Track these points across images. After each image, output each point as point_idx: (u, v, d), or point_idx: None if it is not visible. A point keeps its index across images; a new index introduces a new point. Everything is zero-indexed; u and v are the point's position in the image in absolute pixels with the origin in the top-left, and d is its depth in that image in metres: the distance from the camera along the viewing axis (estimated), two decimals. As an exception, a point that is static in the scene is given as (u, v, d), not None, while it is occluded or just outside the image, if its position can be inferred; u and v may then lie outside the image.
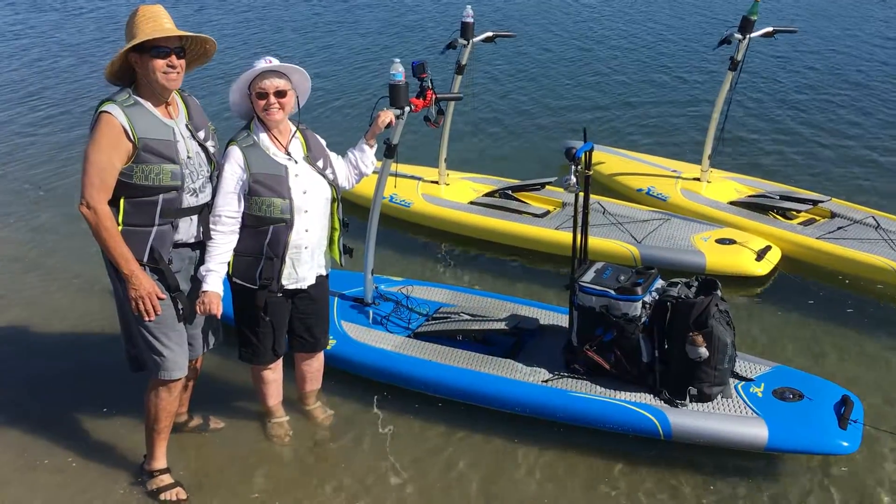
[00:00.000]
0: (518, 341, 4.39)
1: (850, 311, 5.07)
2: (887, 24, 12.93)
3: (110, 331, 4.65)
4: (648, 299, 3.88)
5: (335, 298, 4.68)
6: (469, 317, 4.56)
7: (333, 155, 3.80)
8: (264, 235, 3.53)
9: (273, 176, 3.50)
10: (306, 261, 3.67)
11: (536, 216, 6.07)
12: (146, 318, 3.29)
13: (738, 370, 3.99)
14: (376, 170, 4.07)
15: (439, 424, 4.12)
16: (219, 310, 3.45)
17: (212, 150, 3.46)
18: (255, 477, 3.82)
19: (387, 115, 3.83)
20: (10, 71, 11.06)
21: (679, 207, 6.13)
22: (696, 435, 3.73)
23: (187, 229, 3.39)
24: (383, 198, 4.44)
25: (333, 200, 3.71)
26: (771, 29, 6.07)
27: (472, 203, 6.32)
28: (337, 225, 3.77)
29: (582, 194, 4.06)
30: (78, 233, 6.06)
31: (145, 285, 3.24)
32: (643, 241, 5.57)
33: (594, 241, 4.72)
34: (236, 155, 3.47)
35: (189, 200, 3.34)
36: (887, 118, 8.70)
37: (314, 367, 4.10)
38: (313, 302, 3.83)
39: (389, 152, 4.14)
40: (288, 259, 3.60)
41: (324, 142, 3.78)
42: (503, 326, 4.36)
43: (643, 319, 3.86)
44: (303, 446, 4.02)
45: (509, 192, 6.40)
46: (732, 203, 6.14)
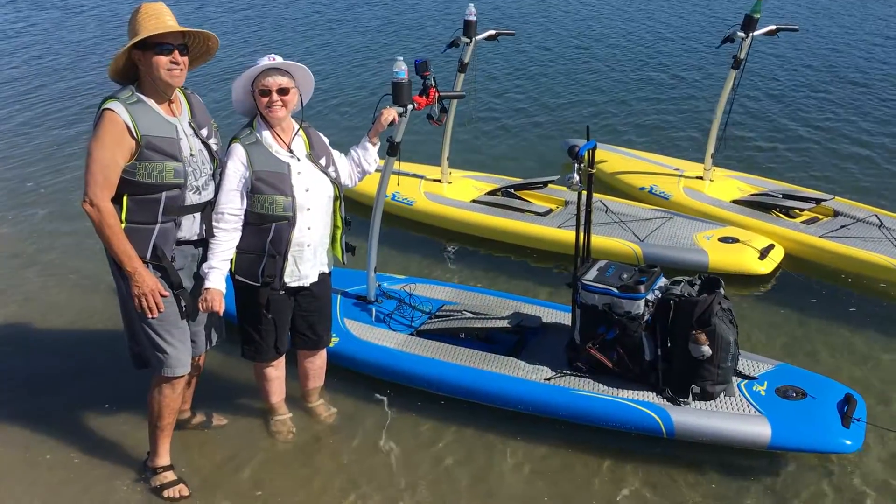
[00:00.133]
0: (521, 339, 4.38)
1: (853, 310, 5.07)
2: (887, 23, 12.90)
3: (113, 328, 4.65)
4: (651, 297, 3.88)
5: (338, 296, 4.68)
6: (472, 315, 4.56)
7: (336, 153, 3.80)
8: (267, 233, 3.54)
9: (276, 173, 3.50)
10: (309, 258, 3.67)
11: (539, 215, 6.07)
12: (149, 316, 3.29)
13: (741, 368, 3.99)
14: (379, 168, 4.08)
15: (442, 422, 4.12)
16: (221, 307, 3.45)
17: (214, 148, 3.46)
18: (258, 474, 3.82)
19: (390, 113, 3.82)
20: (11, 68, 11.06)
21: (682, 206, 6.12)
22: (699, 433, 3.73)
23: (190, 227, 3.39)
24: (386, 196, 4.43)
25: (336, 198, 3.71)
26: (774, 27, 6.06)
27: (475, 201, 6.32)
28: (339, 223, 3.77)
29: (585, 192, 4.05)
30: (79, 230, 6.08)
31: (148, 283, 3.24)
32: (646, 240, 5.56)
33: (597, 240, 4.72)
34: (239, 152, 3.48)
35: (192, 198, 3.34)
36: (890, 117, 8.68)
37: (317, 365, 4.11)
38: (316, 299, 3.83)
39: (392, 150, 4.13)
40: (290, 256, 3.60)
41: (326, 140, 3.78)
42: (506, 324, 4.36)
43: (646, 317, 3.86)
44: (305, 443, 4.03)
45: (512, 191, 6.40)
46: (735, 202, 6.13)
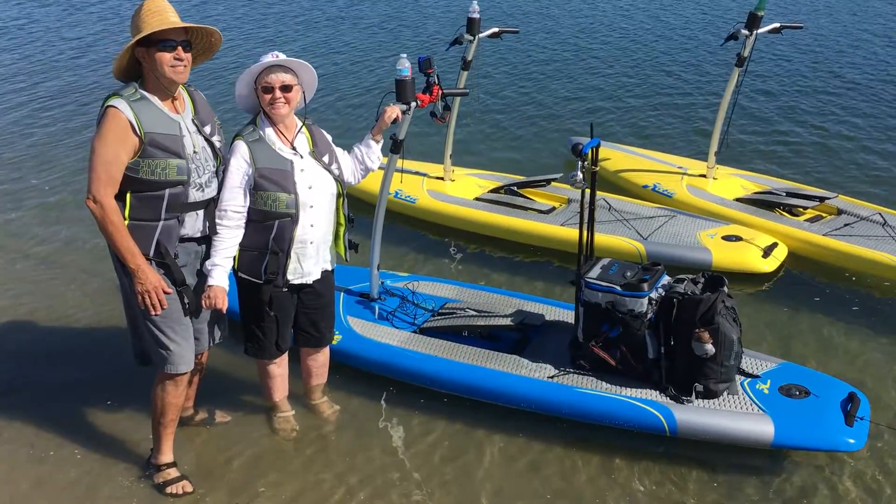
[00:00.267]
0: (524, 337, 4.38)
1: (857, 309, 5.06)
2: (890, 22, 12.86)
3: (116, 325, 4.66)
4: (654, 296, 3.87)
5: (341, 294, 4.68)
6: (475, 312, 4.55)
7: (339, 150, 3.80)
8: (269, 230, 3.54)
9: (278, 171, 3.50)
10: (311, 256, 3.67)
11: (542, 213, 6.06)
12: (152, 313, 3.30)
13: (745, 367, 3.99)
14: (382, 165, 4.08)
15: (444, 420, 4.12)
16: (224, 304, 3.45)
17: (218, 145, 3.46)
18: (261, 471, 3.82)
19: (393, 111, 3.82)
20: (13, 64, 11.07)
21: (685, 204, 6.11)
22: (702, 431, 3.73)
23: (193, 224, 3.40)
24: (388, 193, 4.43)
25: (339, 196, 3.71)
26: (777, 25, 6.05)
27: (478, 199, 6.31)
28: (342, 220, 3.77)
29: (588, 191, 4.05)
30: (83, 226, 6.08)
31: (151, 279, 3.25)
32: (649, 238, 5.55)
33: (600, 238, 4.71)
34: (242, 149, 3.48)
35: (195, 195, 3.35)
36: (894, 115, 8.66)
37: (319, 362, 4.11)
38: (319, 297, 3.83)
39: (396, 148, 4.13)
40: (293, 254, 3.60)
41: (329, 137, 3.78)
42: (509, 322, 4.36)
43: (649, 316, 3.85)
44: (308, 441, 4.03)
45: (515, 189, 6.39)
46: (739, 200, 6.12)
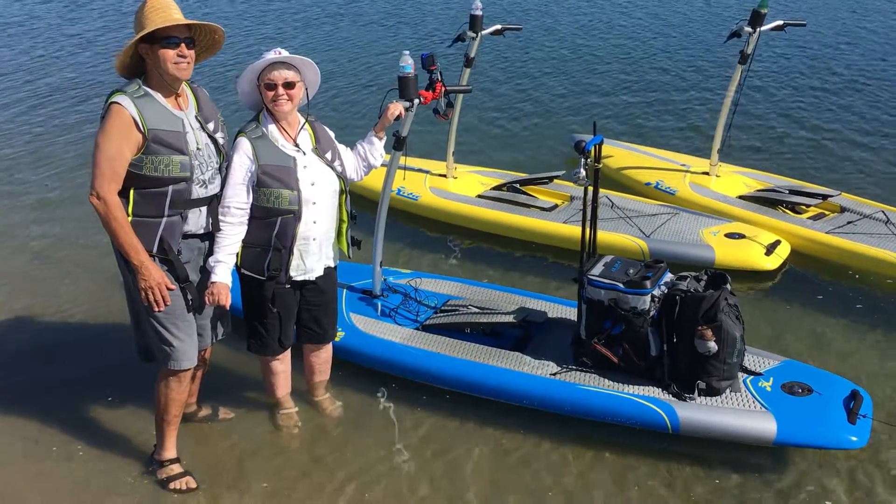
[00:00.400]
0: (526, 334, 4.38)
1: (860, 307, 5.05)
2: (891, 19, 12.82)
3: (120, 321, 4.66)
4: (657, 293, 3.87)
5: (343, 290, 4.68)
6: (477, 309, 4.55)
7: (342, 147, 3.80)
8: (272, 227, 3.54)
9: (281, 167, 3.50)
10: (314, 252, 3.68)
11: (544, 210, 6.06)
12: (156, 309, 3.30)
13: (747, 364, 3.98)
14: (385, 162, 4.07)
15: (447, 417, 4.13)
16: (227, 300, 3.46)
17: (221, 142, 3.46)
18: (264, 467, 3.83)
19: (396, 108, 3.82)
20: (12, 61, 11.08)
21: (688, 201, 6.11)
22: (705, 429, 3.73)
23: (196, 220, 3.40)
24: (391, 190, 4.43)
25: (341, 192, 3.72)
26: (781, 22, 6.03)
27: (480, 196, 6.31)
28: (345, 217, 3.77)
29: (591, 188, 4.05)
30: (86, 223, 6.08)
31: (155, 276, 3.25)
32: (652, 236, 5.55)
33: (602, 235, 4.70)
34: (245, 146, 3.48)
35: (198, 192, 3.35)
36: (898, 112, 8.67)
37: (322, 359, 4.11)
38: (321, 293, 3.84)
39: (398, 145, 4.13)
40: (296, 250, 3.61)
41: (332, 134, 3.78)
42: (511, 319, 4.36)
43: (652, 313, 3.85)
44: (311, 437, 4.04)
45: (517, 186, 6.39)
46: (741, 197, 6.11)
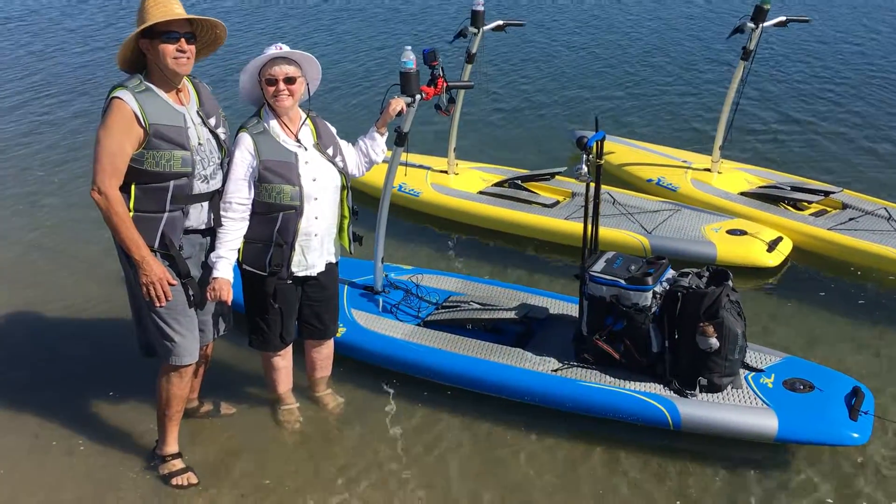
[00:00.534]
0: (527, 330, 4.38)
1: (862, 303, 5.05)
2: (893, 15, 12.80)
3: (121, 316, 4.66)
4: (659, 289, 3.87)
5: (345, 286, 4.68)
6: (478, 305, 4.55)
7: (344, 143, 3.80)
8: (274, 222, 3.54)
9: (283, 163, 3.50)
10: (316, 248, 3.67)
11: (546, 206, 6.05)
12: (157, 304, 3.30)
13: (749, 361, 3.98)
14: (386, 158, 4.07)
15: (448, 413, 4.13)
16: (229, 296, 3.46)
17: (223, 137, 3.46)
18: (266, 462, 3.83)
19: (398, 103, 3.81)
20: (16, 58, 11.07)
21: (689, 198, 6.10)
22: (706, 425, 3.73)
23: (198, 216, 3.40)
24: (392, 187, 4.43)
25: (343, 188, 3.71)
26: (784, 18, 6.01)
27: (482, 193, 6.30)
28: (347, 212, 3.77)
29: (593, 184, 4.04)
30: (87, 218, 6.08)
31: (156, 271, 3.25)
32: (653, 232, 5.54)
33: (604, 231, 4.70)
34: (246, 141, 3.48)
35: (200, 187, 3.35)
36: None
37: (323, 355, 4.11)
38: (323, 289, 3.83)
39: (400, 140, 4.12)
40: (297, 246, 3.60)
41: (334, 129, 3.77)
42: (513, 315, 4.36)
43: (653, 309, 3.84)
44: (312, 433, 4.04)
45: (519, 182, 6.38)
46: (743, 194, 6.10)
